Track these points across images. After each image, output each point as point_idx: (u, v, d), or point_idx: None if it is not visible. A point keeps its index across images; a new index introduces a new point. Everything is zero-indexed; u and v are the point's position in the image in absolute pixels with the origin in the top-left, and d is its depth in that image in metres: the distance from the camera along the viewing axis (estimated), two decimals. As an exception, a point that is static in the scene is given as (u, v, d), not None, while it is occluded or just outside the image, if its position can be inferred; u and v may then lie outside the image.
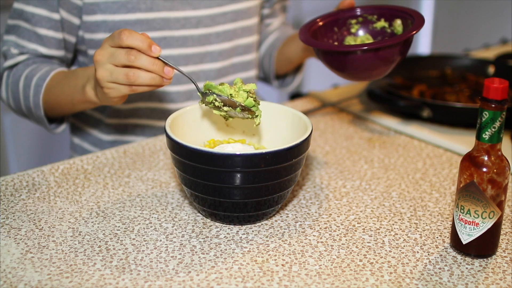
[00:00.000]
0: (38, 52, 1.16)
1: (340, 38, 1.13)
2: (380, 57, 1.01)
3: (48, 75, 1.12)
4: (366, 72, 1.03)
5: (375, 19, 1.11)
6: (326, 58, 1.05)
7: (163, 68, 0.89)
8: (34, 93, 1.12)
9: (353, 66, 1.03)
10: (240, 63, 1.31)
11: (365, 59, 1.01)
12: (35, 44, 1.16)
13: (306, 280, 0.80)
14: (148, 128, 1.27)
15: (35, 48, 1.16)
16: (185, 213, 0.95)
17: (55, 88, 1.10)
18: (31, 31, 1.15)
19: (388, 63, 1.03)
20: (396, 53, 1.01)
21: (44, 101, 1.12)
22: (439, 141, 1.21)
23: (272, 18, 1.42)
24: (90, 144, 1.32)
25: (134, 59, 0.88)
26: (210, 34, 1.24)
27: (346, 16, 1.13)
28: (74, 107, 1.10)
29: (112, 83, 0.91)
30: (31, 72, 1.13)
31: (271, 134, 1.01)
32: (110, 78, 0.90)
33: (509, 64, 1.56)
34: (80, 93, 1.04)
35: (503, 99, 0.79)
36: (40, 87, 1.11)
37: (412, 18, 1.04)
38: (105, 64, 0.90)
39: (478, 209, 0.82)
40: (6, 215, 0.93)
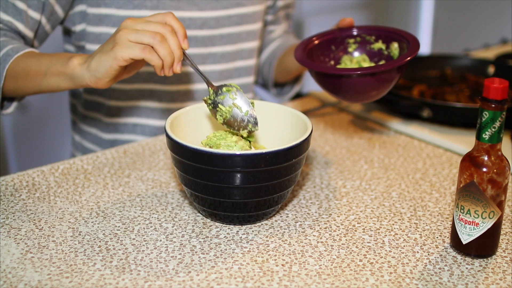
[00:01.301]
0: (12, 25, 1.11)
1: (337, 57, 1.13)
2: (374, 82, 1.01)
3: (23, 49, 1.06)
4: (359, 95, 1.03)
5: (373, 40, 1.12)
6: (319, 79, 1.05)
7: (181, 59, 0.91)
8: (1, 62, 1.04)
9: (346, 89, 1.03)
10: (242, 67, 1.31)
11: (358, 82, 1.01)
12: (11, 17, 1.10)
13: (306, 280, 0.80)
14: (148, 127, 1.28)
15: (10, 21, 1.10)
16: (185, 213, 0.95)
17: (30, 58, 1.04)
18: (9, 3, 1.10)
19: (382, 87, 1.03)
20: (390, 78, 1.01)
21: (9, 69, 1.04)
22: (439, 141, 1.21)
23: (275, 25, 1.41)
24: (90, 142, 1.32)
25: (168, 32, 0.90)
26: (214, 36, 1.24)
27: (345, 35, 1.13)
28: (43, 80, 1.02)
29: (130, 42, 0.89)
30: (2, 43, 1.06)
31: (271, 134, 1.01)
32: (134, 35, 0.89)
33: (509, 64, 1.56)
34: (62, 63, 0.99)
35: (503, 99, 0.79)
36: (10, 56, 1.05)
37: (407, 42, 1.05)
38: (135, 25, 0.90)
39: (478, 209, 0.82)
40: (6, 215, 0.93)
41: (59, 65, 0.99)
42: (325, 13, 2.68)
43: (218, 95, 0.95)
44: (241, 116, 0.94)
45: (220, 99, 0.95)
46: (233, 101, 0.94)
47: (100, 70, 0.92)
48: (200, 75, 0.94)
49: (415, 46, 1.02)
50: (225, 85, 0.95)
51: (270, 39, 1.41)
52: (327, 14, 2.69)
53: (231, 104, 0.94)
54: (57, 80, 1.00)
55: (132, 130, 1.28)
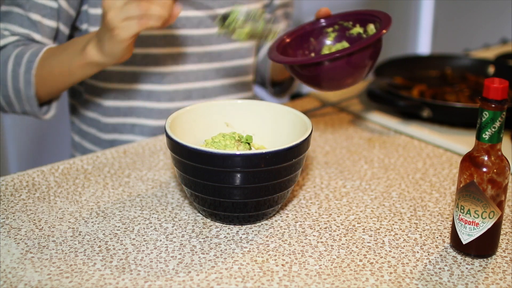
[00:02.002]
0: (30, 37, 1.13)
1: (317, 48, 1.11)
2: (351, 64, 0.98)
3: (41, 50, 1.08)
4: (335, 81, 1.01)
5: (351, 25, 1.09)
6: (295, 72, 1.03)
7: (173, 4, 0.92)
8: (25, 69, 1.08)
9: (320, 77, 1.00)
10: (239, 66, 1.31)
11: (331, 68, 0.98)
12: (28, 30, 1.12)
13: (306, 280, 0.80)
14: (147, 127, 1.27)
15: (27, 33, 1.12)
16: (185, 213, 0.95)
17: (50, 59, 1.07)
18: (24, 16, 1.12)
19: (359, 69, 1.00)
20: (367, 57, 0.99)
21: (36, 76, 1.08)
22: (439, 141, 1.21)
23: (273, 24, 1.41)
24: (89, 142, 1.32)
25: None
26: (211, 35, 1.24)
27: (322, 25, 1.11)
28: (71, 75, 1.06)
29: (123, 22, 0.91)
30: (21, 51, 1.09)
31: (271, 134, 1.01)
32: (121, 14, 0.90)
33: (509, 64, 1.56)
34: (79, 56, 1.01)
35: (503, 99, 0.79)
36: (32, 62, 1.07)
37: (380, 20, 1.03)
38: (115, 2, 0.90)
39: (478, 209, 0.82)
40: (6, 215, 0.93)
41: (78, 59, 1.02)
42: (325, 13, 2.67)
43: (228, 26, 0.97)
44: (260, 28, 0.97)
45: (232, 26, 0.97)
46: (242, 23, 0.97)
47: (116, 52, 0.97)
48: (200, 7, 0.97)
49: (386, 22, 1.00)
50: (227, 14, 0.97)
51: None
52: (327, 14, 2.68)
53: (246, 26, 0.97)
54: (83, 72, 1.05)
55: (131, 130, 1.28)
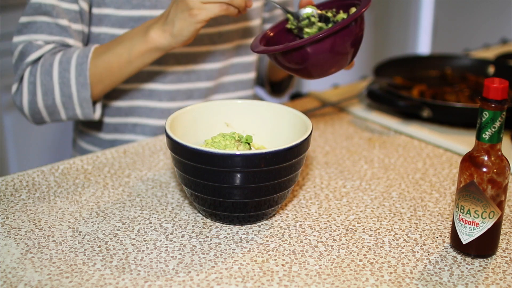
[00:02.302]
0: (64, 43, 1.13)
1: None
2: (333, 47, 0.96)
3: (89, 51, 1.09)
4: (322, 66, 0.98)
5: (335, 12, 1.06)
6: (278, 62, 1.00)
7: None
8: (78, 73, 1.08)
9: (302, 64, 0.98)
10: (242, 64, 1.31)
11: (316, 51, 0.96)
12: (59, 36, 1.12)
13: (306, 280, 0.80)
14: (148, 127, 1.27)
15: (60, 40, 1.12)
16: (185, 213, 0.95)
17: (101, 56, 1.08)
18: (52, 24, 1.11)
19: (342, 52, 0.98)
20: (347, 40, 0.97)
21: (91, 76, 1.09)
22: (439, 141, 1.21)
23: (271, 23, 1.41)
24: (90, 143, 1.32)
25: None
26: (213, 34, 1.24)
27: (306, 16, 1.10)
28: (130, 65, 1.07)
29: (205, 4, 0.95)
30: (64, 56, 1.09)
31: (271, 134, 1.01)
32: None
33: (509, 64, 1.56)
34: (141, 42, 1.04)
35: (503, 99, 0.79)
36: (84, 64, 1.08)
37: (360, 3, 1.01)
38: None
39: (478, 209, 0.82)
40: (6, 215, 0.93)
41: (139, 45, 1.05)
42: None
43: (300, 21, 1.02)
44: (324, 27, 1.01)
45: (303, 24, 1.02)
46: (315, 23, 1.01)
47: (185, 34, 1.00)
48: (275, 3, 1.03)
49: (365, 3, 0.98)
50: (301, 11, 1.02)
51: None
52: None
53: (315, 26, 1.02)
54: (144, 59, 1.07)
55: (132, 130, 1.28)
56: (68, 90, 1.10)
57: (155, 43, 1.03)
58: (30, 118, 1.16)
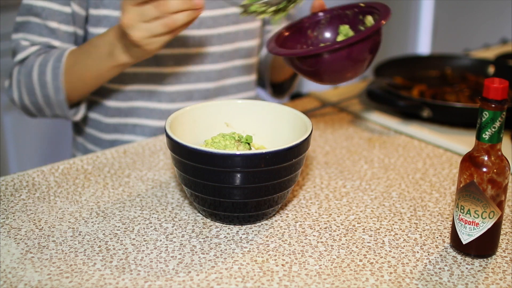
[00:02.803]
0: (50, 45, 1.15)
1: (315, 42, 1.10)
2: (350, 56, 0.97)
3: (62, 56, 1.11)
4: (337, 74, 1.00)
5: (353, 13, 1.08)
6: (294, 65, 1.02)
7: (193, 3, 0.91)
8: (53, 77, 1.10)
9: (324, 69, 0.99)
10: (241, 66, 1.31)
11: (334, 59, 0.97)
12: (47, 38, 1.15)
13: (306, 280, 0.80)
14: (148, 128, 1.27)
15: (46, 41, 1.15)
16: (185, 213, 0.95)
17: (75, 65, 1.09)
18: (41, 25, 1.14)
19: (359, 61, 0.99)
20: (366, 49, 0.98)
21: (66, 82, 1.11)
22: (439, 141, 1.21)
23: (272, 25, 1.41)
24: (90, 143, 1.32)
25: (166, 8, 0.89)
26: (212, 36, 1.24)
27: (318, 19, 1.10)
28: (101, 78, 1.09)
29: (152, 38, 0.93)
30: (44, 59, 1.12)
31: (271, 134, 1.01)
32: (149, 34, 0.91)
33: (509, 64, 1.56)
34: (108, 60, 1.04)
35: (503, 99, 0.79)
36: (58, 69, 1.10)
37: (379, 11, 1.02)
38: (137, 24, 0.91)
39: (478, 209, 0.82)
40: (6, 215, 0.93)
41: (107, 63, 1.05)
42: (325, 13, 2.67)
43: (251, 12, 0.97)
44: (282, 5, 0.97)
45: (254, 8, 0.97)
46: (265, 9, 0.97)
47: (147, 56, 1.01)
48: None
49: (385, 12, 0.99)
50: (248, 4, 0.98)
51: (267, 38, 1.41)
52: (327, 14, 2.68)
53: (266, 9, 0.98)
54: (112, 73, 1.08)
55: (132, 130, 1.28)
56: (46, 92, 1.13)
57: (122, 62, 1.03)
58: (23, 111, 1.21)
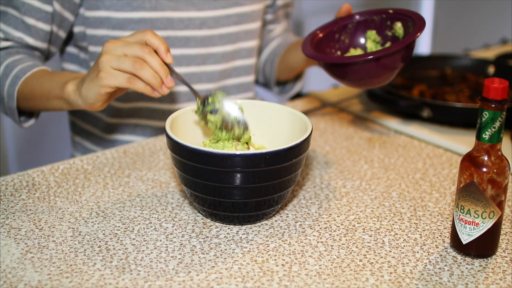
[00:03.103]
0: (23, 41, 1.14)
1: (342, 46, 1.13)
2: (384, 65, 1.01)
3: (30, 70, 1.09)
4: (371, 80, 1.04)
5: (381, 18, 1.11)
6: (330, 70, 1.05)
7: (167, 75, 0.90)
8: (11, 83, 1.08)
9: (357, 76, 1.03)
10: (242, 66, 1.31)
11: (369, 68, 1.01)
12: (21, 33, 1.13)
13: (306, 280, 0.80)
14: (149, 128, 1.28)
15: (20, 37, 1.13)
16: (185, 213, 0.95)
17: (35, 80, 1.07)
18: (18, 19, 1.12)
19: (392, 69, 1.03)
20: (399, 59, 1.01)
21: (19, 93, 1.08)
22: (439, 141, 1.21)
23: (275, 24, 1.41)
24: (90, 143, 1.32)
25: (147, 54, 0.89)
26: (213, 36, 1.24)
27: (347, 23, 1.12)
28: (47, 102, 1.05)
29: (113, 70, 0.90)
30: (12, 63, 1.10)
31: (271, 134, 1.01)
32: (115, 62, 0.89)
33: (509, 64, 1.56)
34: (59, 88, 1.01)
35: (503, 99, 0.79)
36: (19, 79, 1.08)
37: (412, 20, 1.04)
38: (115, 50, 0.90)
39: (478, 209, 0.82)
40: (6, 215, 0.93)
41: (57, 90, 1.01)
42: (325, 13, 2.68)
43: (205, 106, 0.95)
44: (231, 122, 0.95)
45: (208, 109, 0.95)
46: (220, 110, 0.95)
47: (90, 96, 0.93)
48: (187, 86, 0.95)
49: (421, 22, 1.02)
50: (210, 94, 0.96)
51: (270, 38, 1.41)
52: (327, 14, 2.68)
53: (218, 114, 0.95)
54: (58, 104, 1.03)
55: (133, 131, 1.28)
56: (2, 93, 1.11)
57: (67, 96, 0.99)
58: None
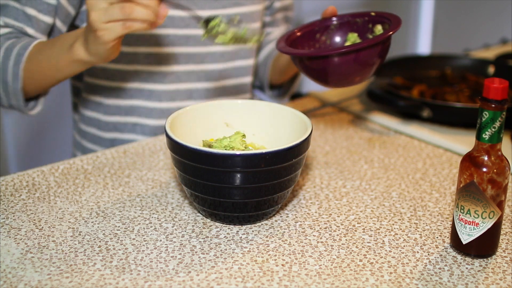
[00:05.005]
0: (23, 30, 1.12)
1: (323, 46, 1.11)
2: (359, 61, 0.99)
3: (30, 44, 1.08)
4: (345, 76, 1.01)
5: None
6: (304, 66, 1.03)
7: (158, 5, 0.89)
8: (14, 62, 1.07)
9: (333, 72, 1.01)
10: (241, 66, 1.31)
11: (342, 63, 0.99)
12: (22, 24, 1.12)
13: (306, 280, 0.80)
14: (148, 127, 1.28)
15: (20, 27, 1.12)
16: (185, 213, 0.95)
17: (38, 54, 1.06)
18: (19, 10, 1.11)
19: (366, 65, 1.01)
20: (374, 55, 1.00)
21: (25, 71, 1.07)
22: (439, 141, 1.21)
23: (272, 27, 1.41)
24: (90, 141, 1.32)
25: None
26: None
27: (328, 24, 1.11)
28: (59, 72, 1.05)
29: (107, 23, 0.89)
30: (12, 44, 1.09)
31: (271, 134, 1.01)
32: (104, 16, 0.88)
33: (509, 64, 1.56)
34: (67, 53, 1.00)
35: (503, 99, 0.79)
36: (21, 56, 1.07)
37: (389, 21, 1.04)
38: (100, 3, 0.88)
39: (478, 209, 0.82)
40: (6, 215, 0.93)
41: (65, 56, 1.01)
42: (325, 13, 2.67)
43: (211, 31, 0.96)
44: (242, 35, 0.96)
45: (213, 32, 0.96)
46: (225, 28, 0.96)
47: (100, 53, 0.95)
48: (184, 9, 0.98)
49: (396, 22, 1.01)
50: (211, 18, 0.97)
51: (267, 41, 1.41)
52: (327, 14, 2.68)
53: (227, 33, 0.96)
54: (71, 69, 1.03)
55: (132, 129, 1.28)
56: (5, 77, 1.09)
57: (78, 57, 0.99)
58: None
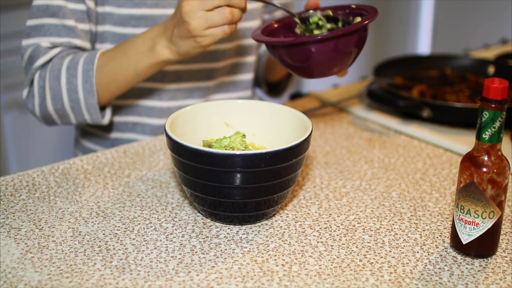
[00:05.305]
0: (71, 44, 1.13)
1: None
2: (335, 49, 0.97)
3: (95, 58, 1.09)
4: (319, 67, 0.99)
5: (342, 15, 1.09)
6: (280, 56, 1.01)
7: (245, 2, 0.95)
8: (85, 80, 1.08)
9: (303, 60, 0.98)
10: (242, 64, 1.32)
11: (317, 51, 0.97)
12: (67, 38, 1.12)
13: (306, 280, 0.80)
14: (148, 126, 1.28)
15: (68, 41, 1.12)
16: (185, 213, 0.95)
17: (107, 65, 1.08)
18: (59, 25, 1.12)
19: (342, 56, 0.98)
20: (351, 45, 0.98)
21: (97, 85, 1.09)
22: (439, 141, 1.21)
23: None
24: (90, 141, 1.32)
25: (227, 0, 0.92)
26: None
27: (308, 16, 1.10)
28: (137, 77, 1.08)
29: (208, 30, 0.92)
30: (72, 62, 1.09)
31: (271, 134, 1.01)
32: (206, 24, 0.91)
33: (509, 64, 1.56)
34: (147, 57, 1.03)
35: (503, 99, 0.79)
36: (90, 71, 1.08)
37: (367, 13, 1.03)
38: (197, 12, 0.91)
39: (478, 209, 0.82)
40: (6, 215, 0.93)
41: (146, 60, 1.04)
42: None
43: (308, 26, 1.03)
44: None
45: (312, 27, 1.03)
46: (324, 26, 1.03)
47: (192, 54, 1.01)
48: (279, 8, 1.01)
49: (372, 13, 1.00)
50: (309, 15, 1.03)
51: None
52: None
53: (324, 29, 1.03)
54: (151, 71, 1.08)
55: (132, 128, 1.28)
56: (75, 96, 1.10)
57: (162, 58, 1.03)
58: (42, 120, 1.18)
